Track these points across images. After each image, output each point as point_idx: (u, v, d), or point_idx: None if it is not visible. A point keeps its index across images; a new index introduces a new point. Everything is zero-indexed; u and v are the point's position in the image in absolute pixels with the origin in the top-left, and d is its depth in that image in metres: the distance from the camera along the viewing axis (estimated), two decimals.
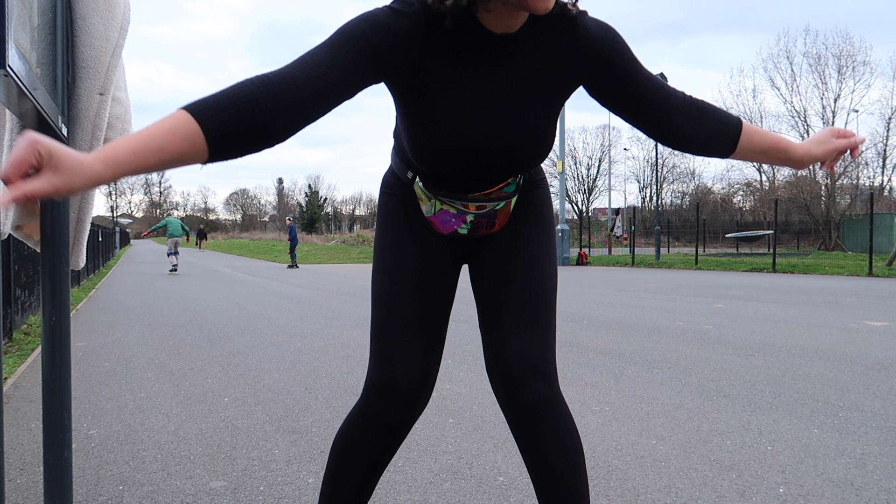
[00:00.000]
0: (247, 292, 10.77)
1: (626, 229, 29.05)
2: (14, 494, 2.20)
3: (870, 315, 7.05)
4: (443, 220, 1.31)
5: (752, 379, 3.92)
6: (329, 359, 4.67)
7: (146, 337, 5.79)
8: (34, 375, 4.08)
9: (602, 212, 48.38)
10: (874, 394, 3.53)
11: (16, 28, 1.04)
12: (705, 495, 2.17)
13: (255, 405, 3.37)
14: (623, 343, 5.27)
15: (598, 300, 9.04)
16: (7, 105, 1.19)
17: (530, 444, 1.27)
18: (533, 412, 1.26)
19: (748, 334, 5.71)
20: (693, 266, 18.77)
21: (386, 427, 1.31)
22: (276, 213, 76.66)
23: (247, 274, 16.58)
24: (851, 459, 2.50)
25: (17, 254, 6.04)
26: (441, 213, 1.30)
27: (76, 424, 3.01)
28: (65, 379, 1.51)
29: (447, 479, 2.33)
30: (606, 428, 2.93)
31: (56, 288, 1.50)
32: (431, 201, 1.30)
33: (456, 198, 1.28)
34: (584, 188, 56.18)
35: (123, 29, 1.54)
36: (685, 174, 54.25)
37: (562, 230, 21.89)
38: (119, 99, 1.68)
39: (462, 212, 1.29)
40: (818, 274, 15.11)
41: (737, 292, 10.17)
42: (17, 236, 1.69)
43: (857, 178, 35.68)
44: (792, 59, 38.22)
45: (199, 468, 2.45)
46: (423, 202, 1.31)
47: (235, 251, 35.20)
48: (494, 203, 1.29)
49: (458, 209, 1.29)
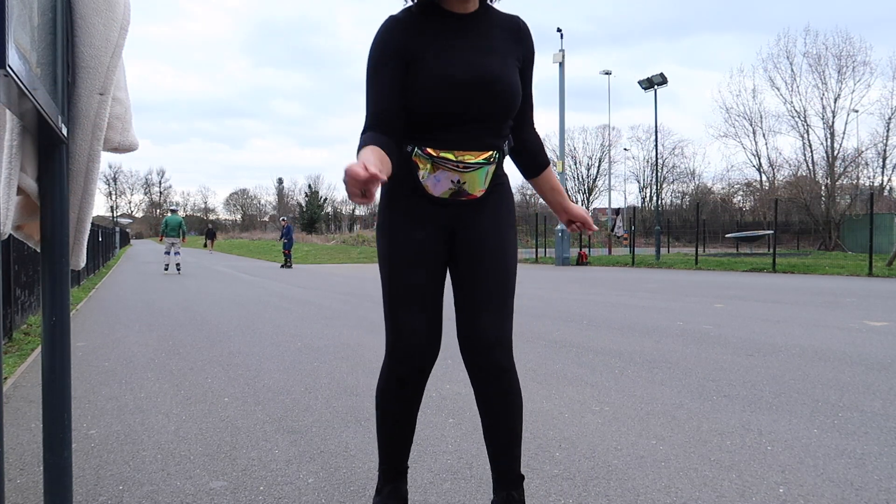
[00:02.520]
0: (247, 292, 10.77)
1: (627, 229, 29.05)
2: (14, 494, 2.20)
3: (870, 315, 7.05)
4: (435, 181, 1.63)
5: (752, 379, 3.92)
6: (329, 359, 4.67)
7: (146, 337, 5.79)
8: (34, 375, 4.08)
9: (602, 212, 48.37)
10: (874, 394, 3.53)
11: (16, 28, 1.04)
12: (705, 495, 2.17)
13: (255, 405, 3.37)
14: (623, 343, 5.27)
15: (598, 300, 9.04)
16: (7, 105, 1.19)
17: (489, 397, 1.69)
18: (495, 376, 1.67)
19: (748, 334, 5.71)
20: (693, 266, 18.77)
21: (404, 381, 1.69)
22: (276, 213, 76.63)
23: (247, 274, 16.58)
24: (851, 459, 2.50)
25: (17, 254, 6.04)
26: (434, 175, 1.62)
27: (76, 424, 3.01)
28: (65, 379, 1.51)
29: (447, 479, 2.33)
30: (606, 428, 2.93)
31: (56, 288, 1.50)
32: (427, 166, 1.62)
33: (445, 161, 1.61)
34: (584, 188, 56.24)
35: (123, 29, 1.54)
36: (685, 174, 54.29)
37: (562, 230, 21.88)
38: (119, 99, 1.68)
39: (453, 170, 1.61)
40: (818, 274, 15.11)
41: (737, 292, 10.17)
42: (17, 236, 1.69)
43: (857, 178, 35.70)
44: (792, 59, 38.12)
45: (199, 468, 2.45)
46: (421, 167, 1.63)
47: (235, 251, 35.20)
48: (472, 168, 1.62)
49: (450, 167, 1.61)
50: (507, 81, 1.62)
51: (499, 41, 1.65)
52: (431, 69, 1.58)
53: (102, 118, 1.55)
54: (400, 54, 1.59)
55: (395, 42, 1.60)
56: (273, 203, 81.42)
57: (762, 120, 38.76)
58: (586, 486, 2.25)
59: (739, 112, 43.65)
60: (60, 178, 1.49)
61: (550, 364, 4.42)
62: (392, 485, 1.79)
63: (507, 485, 1.72)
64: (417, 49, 1.60)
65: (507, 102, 1.64)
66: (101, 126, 1.56)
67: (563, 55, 22.60)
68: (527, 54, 1.72)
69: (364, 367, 4.34)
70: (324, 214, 68.08)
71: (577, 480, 2.31)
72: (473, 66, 1.59)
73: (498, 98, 1.61)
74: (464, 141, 1.61)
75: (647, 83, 26.12)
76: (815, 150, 35.96)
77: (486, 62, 1.61)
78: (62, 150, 1.49)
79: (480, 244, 1.68)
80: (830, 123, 34.92)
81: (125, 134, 1.71)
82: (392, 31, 1.61)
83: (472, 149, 1.62)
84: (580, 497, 2.17)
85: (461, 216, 1.69)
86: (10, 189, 1.42)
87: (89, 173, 1.59)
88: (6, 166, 1.41)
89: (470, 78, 1.58)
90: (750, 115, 39.34)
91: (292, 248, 20.88)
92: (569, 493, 2.21)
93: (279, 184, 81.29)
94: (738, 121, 42.07)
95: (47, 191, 1.49)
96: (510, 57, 1.66)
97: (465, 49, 1.61)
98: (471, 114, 1.61)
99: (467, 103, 1.59)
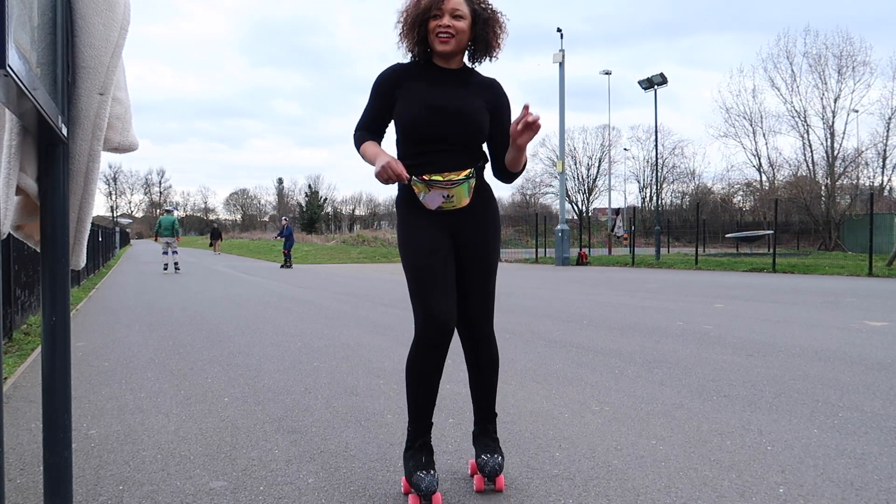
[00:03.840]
0: (247, 292, 10.77)
1: (627, 229, 29.06)
2: (14, 494, 2.20)
3: (870, 315, 7.05)
4: (431, 199, 2.16)
5: (752, 379, 3.92)
6: (329, 359, 4.67)
7: (146, 337, 5.79)
8: (34, 375, 4.08)
9: (602, 212, 48.37)
10: (874, 394, 3.53)
11: (16, 28, 1.04)
12: (705, 495, 2.17)
13: (255, 405, 3.37)
14: (623, 343, 5.27)
15: (598, 300, 9.04)
16: (7, 105, 1.19)
17: (475, 357, 2.29)
18: (479, 341, 2.27)
19: (748, 334, 5.71)
20: (693, 266, 18.77)
21: (433, 348, 2.11)
22: (276, 212, 76.58)
23: (247, 274, 16.58)
24: (851, 459, 2.50)
25: (17, 254, 6.04)
26: (429, 195, 2.15)
27: (76, 424, 3.01)
28: (65, 379, 1.51)
29: (447, 479, 2.33)
30: (606, 428, 2.93)
31: (56, 288, 1.50)
32: (423, 189, 2.15)
33: (435, 182, 2.14)
34: (584, 188, 56.17)
35: (123, 29, 1.54)
36: (685, 174, 54.24)
37: (562, 230, 21.88)
38: (119, 99, 1.68)
39: (442, 188, 2.14)
40: (818, 274, 15.11)
41: (737, 292, 10.17)
42: (17, 236, 1.69)
43: (857, 178, 35.67)
44: (792, 59, 38.00)
45: (199, 468, 2.45)
46: (419, 192, 2.16)
47: (235, 251, 35.16)
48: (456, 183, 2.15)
49: (440, 186, 2.14)
50: (472, 113, 2.18)
51: (472, 88, 2.24)
52: (417, 96, 2.17)
53: (102, 118, 1.55)
54: (396, 86, 2.21)
55: (396, 77, 2.22)
56: (273, 203, 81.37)
57: (762, 120, 38.69)
58: (586, 486, 2.25)
59: (739, 112, 43.54)
60: (60, 178, 1.49)
61: (550, 364, 4.42)
62: (422, 439, 2.20)
63: (485, 418, 2.32)
64: (410, 83, 2.20)
65: (472, 128, 2.18)
66: (101, 126, 1.56)
67: (563, 55, 22.59)
68: (497, 103, 2.27)
69: (364, 367, 4.34)
70: (324, 214, 68.03)
71: (577, 480, 2.31)
72: (447, 98, 2.17)
73: (464, 122, 2.16)
74: (447, 164, 2.15)
75: (647, 83, 26.12)
76: (815, 150, 35.96)
77: (457, 96, 2.18)
78: (62, 150, 1.50)
79: (469, 244, 2.22)
80: (830, 123, 34.91)
81: (125, 134, 1.71)
82: (396, 71, 2.23)
83: (454, 169, 2.15)
84: (580, 497, 2.17)
85: (456, 222, 2.21)
86: (10, 189, 1.42)
87: (89, 173, 1.59)
88: (5, 166, 1.41)
89: (441, 104, 2.15)
90: (750, 115, 39.29)
91: (292, 248, 20.87)
92: (569, 493, 2.21)
93: (279, 184, 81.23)
94: (738, 121, 42.01)
95: (47, 191, 1.49)
96: (479, 99, 2.22)
97: (444, 88, 2.20)
98: (448, 140, 2.15)
99: (442, 126, 2.14)
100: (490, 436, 2.29)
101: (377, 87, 2.22)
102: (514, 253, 28.08)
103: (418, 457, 2.15)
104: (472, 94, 2.20)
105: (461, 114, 2.14)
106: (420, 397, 2.17)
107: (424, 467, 2.12)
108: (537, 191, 55.58)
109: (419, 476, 2.09)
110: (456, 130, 2.14)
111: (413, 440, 2.19)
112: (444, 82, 2.19)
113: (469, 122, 2.15)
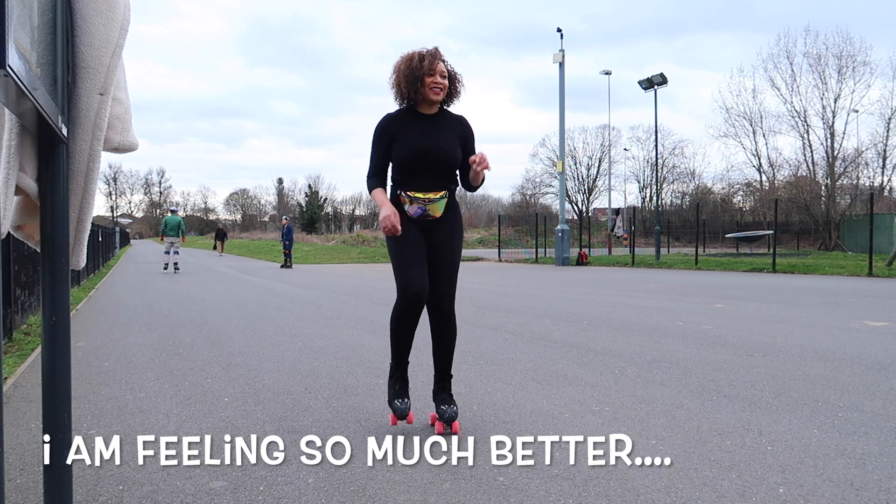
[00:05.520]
0: (247, 292, 10.77)
1: (627, 229, 29.05)
2: (14, 494, 2.20)
3: (870, 315, 7.05)
4: (414, 211, 2.89)
5: (752, 379, 3.92)
6: (329, 359, 4.67)
7: (146, 337, 5.79)
8: (34, 375, 4.08)
9: (602, 212, 48.32)
10: (874, 394, 3.53)
11: (16, 28, 1.04)
12: (705, 495, 2.17)
13: (255, 405, 3.37)
14: (623, 343, 5.27)
15: (598, 300, 9.04)
16: (7, 105, 1.19)
17: (438, 328, 2.97)
18: (443, 316, 2.95)
19: (748, 334, 5.71)
20: (693, 266, 18.77)
21: (410, 310, 2.84)
22: (276, 212, 76.53)
23: (247, 274, 16.58)
24: (851, 459, 2.50)
25: (17, 254, 6.04)
26: (412, 207, 2.89)
27: (76, 424, 3.01)
28: (65, 379, 1.51)
29: (447, 479, 2.33)
30: (606, 428, 2.93)
31: (56, 288, 1.50)
32: (408, 202, 2.89)
33: (417, 199, 2.88)
34: (584, 188, 56.12)
35: (123, 29, 1.54)
36: (685, 174, 54.21)
37: (562, 230, 21.87)
38: (119, 99, 1.68)
39: (422, 204, 2.88)
40: (818, 274, 15.11)
41: (737, 292, 10.17)
42: (17, 236, 1.69)
43: (857, 179, 35.66)
44: (792, 59, 37.92)
45: (199, 468, 2.45)
46: (406, 204, 2.90)
47: (235, 251, 35.15)
48: (433, 201, 2.89)
49: (420, 202, 2.88)
50: (448, 150, 2.91)
51: (447, 128, 2.96)
52: (407, 142, 2.89)
53: (102, 118, 1.55)
54: (390, 135, 2.92)
55: (390, 128, 2.93)
56: (273, 203, 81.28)
57: (762, 120, 38.63)
58: (586, 486, 2.25)
59: (739, 112, 43.39)
60: (60, 178, 1.49)
61: (550, 364, 4.42)
62: (399, 373, 2.95)
63: (443, 377, 2.98)
64: (400, 132, 2.91)
65: (448, 163, 2.92)
66: (101, 126, 1.56)
67: (563, 55, 22.58)
68: (465, 135, 3.00)
69: (364, 367, 4.34)
70: (324, 214, 68.00)
71: (577, 480, 2.31)
72: (429, 142, 2.89)
73: (443, 159, 2.89)
74: (428, 186, 2.89)
75: (646, 83, 26.10)
76: (815, 150, 35.91)
77: (437, 139, 2.90)
78: (62, 150, 1.50)
79: (438, 244, 2.93)
80: (830, 123, 34.87)
81: (125, 134, 1.71)
82: (388, 121, 2.94)
83: (432, 189, 2.89)
84: (580, 497, 2.17)
85: (430, 228, 2.94)
86: (9, 189, 1.42)
87: (89, 173, 1.59)
88: (5, 166, 1.41)
89: (426, 147, 2.87)
90: (750, 115, 39.22)
91: (292, 248, 20.87)
92: (569, 493, 2.21)
93: (279, 184, 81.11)
94: (738, 121, 41.85)
95: (47, 191, 1.49)
96: (453, 137, 2.95)
97: (427, 133, 2.91)
98: (430, 170, 2.88)
99: (426, 162, 2.87)
100: (447, 391, 2.96)
101: (378, 139, 2.94)
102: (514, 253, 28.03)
103: (397, 387, 2.93)
104: (448, 132, 2.95)
105: (440, 154, 2.89)
106: (400, 345, 2.93)
107: (400, 396, 2.91)
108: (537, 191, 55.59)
109: (396, 403, 2.89)
110: (436, 165, 2.89)
111: (394, 372, 2.95)
112: (427, 126, 2.93)
113: (444, 160, 2.90)
